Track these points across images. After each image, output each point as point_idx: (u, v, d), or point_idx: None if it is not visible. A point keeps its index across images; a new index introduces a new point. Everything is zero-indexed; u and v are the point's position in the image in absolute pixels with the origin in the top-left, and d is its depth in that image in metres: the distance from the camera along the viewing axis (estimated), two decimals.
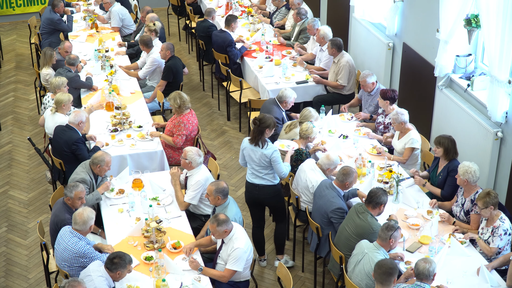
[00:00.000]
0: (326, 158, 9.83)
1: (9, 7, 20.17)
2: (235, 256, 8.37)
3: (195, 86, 16.13)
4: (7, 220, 11.73)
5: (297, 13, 14.71)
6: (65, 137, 10.75)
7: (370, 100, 11.94)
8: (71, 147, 10.68)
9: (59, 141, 10.81)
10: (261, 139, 9.73)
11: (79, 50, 14.69)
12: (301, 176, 9.87)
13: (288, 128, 10.92)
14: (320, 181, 9.60)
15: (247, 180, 10.09)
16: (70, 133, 10.78)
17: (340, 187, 9.32)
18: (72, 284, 7.47)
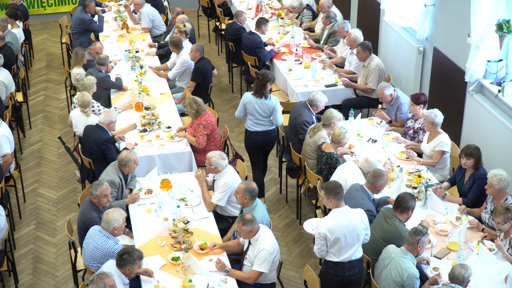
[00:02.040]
0: (365, 161, 9.81)
1: (40, 7, 20.33)
2: (261, 258, 8.38)
3: (224, 87, 16.16)
4: (36, 217, 11.82)
5: (326, 17, 14.68)
6: (95, 136, 10.82)
7: (391, 110, 11.87)
8: (101, 146, 10.75)
9: (89, 140, 10.89)
10: (264, 92, 11.24)
11: (109, 50, 14.77)
12: (340, 175, 9.85)
13: (312, 132, 10.88)
14: (361, 180, 9.62)
15: (247, 130, 11.57)
16: (100, 132, 10.85)
17: (370, 189, 9.29)
18: (101, 277, 7.51)
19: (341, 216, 8.48)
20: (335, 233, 8.37)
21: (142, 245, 9.03)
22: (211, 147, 11.21)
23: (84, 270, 9.36)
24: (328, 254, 8.57)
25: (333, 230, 8.37)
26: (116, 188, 9.78)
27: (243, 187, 8.95)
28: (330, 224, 8.42)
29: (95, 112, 11.87)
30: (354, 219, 8.47)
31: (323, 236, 8.42)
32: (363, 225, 8.48)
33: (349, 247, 8.49)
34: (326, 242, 8.46)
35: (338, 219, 8.45)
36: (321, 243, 8.49)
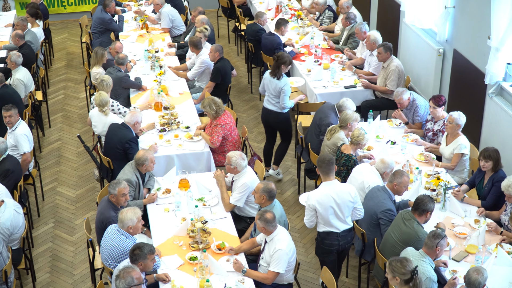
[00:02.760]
0: (381, 162, 9.79)
1: (61, 6, 20.41)
2: (277, 258, 8.38)
3: (243, 88, 16.17)
4: (54, 216, 11.87)
5: (346, 18, 14.64)
6: (120, 134, 10.86)
7: (408, 114, 11.83)
8: (124, 145, 10.78)
9: (113, 138, 10.92)
10: (278, 72, 11.87)
11: (129, 50, 14.82)
12: (357, 177, 9.84)
13: (330, 134, 10.85)
14: (377, 183, 9.60)
15: (263, 106, 12.32)
16: (125, 131, 10.89)
17: (391, 189, 9.28)
18: (127, 271, 7.54)
19: (329, 189, 9.04)
20: (324, 205, 8.95)
21: (160, 244, 9.06)
22: (229, 147, 11.22)
23: (102, 269, 9.38)
24: (322, 226, 9.14)
25: (322, 202, 8.96)
26: (134, 187, 9.81)
27: (261, 187, 8.95)
28: (319, 196, 9.02)
29: (115, 111, 11.91)
30: (342, 192, 9.03)
31: (313, 208, 9.01)
32: (350, 198, 9.03)
33: (340, 218, 9.07)
34: (316, 214, 9.05)
35: (326, 192, 9.01)
36: (311, 214, 9.08)
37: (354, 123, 10.72)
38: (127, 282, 7.49)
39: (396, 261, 7.65)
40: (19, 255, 9.66)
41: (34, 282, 10.22)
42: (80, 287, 10.32)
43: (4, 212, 9.30)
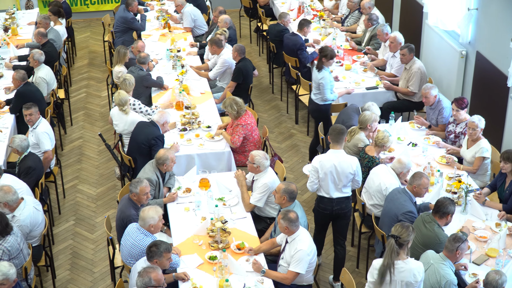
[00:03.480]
0: (397, 162, 9.77)
1: (83, 5, 20.49)
2: (298, 258, 8.37)
3: (265, 88, 16.16)
4: (75, 213, 11.92)
5: (368, 19, 14.60)
6: (148, 131, 10.89)
7: (431, 114, 11.77)
8: (151, 141, 10.81)
9: (140, 134, 10.95)
10: (319, 64, 12.22)
11: (151, 49, 14.86)
12: (374, 179, 9.83)
13: (350, 136, 10.81)
14: (394, 183, 9.58)
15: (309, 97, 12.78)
16: (153, 129, 10.93)
17: (411, 191, 9.25)
18: (147, 270, 7.59)
19: (334, 156, 9.53)
20: (324, 169, 9.47)
21: (180, 243, 9.09)
22: (250, 147, 11.23)
23: (121, 267, 9.41)
24: (320, 190, 9.64)
25: (323, 165, 9.49)
26: (154, 186, 9.84)
27: (282, 187, 8.95)
28: (322, 159, 9.55)
29: (136, 110, 11.94)
30: (344, 162, 9.50)
31: (315, 170, 9.53)
32: (351, 170, 9.51)
33: (337, 185, 9.55)
34: (318, 175, 9.52)
35: (330, 158, 9.52)
36: (314, 176, 9.58)
37: (374, 123, 10.69)
38: (144, 282, 7.53)
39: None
40: (40, 252, 9.71)
41: (54, 279, 10.27)
42: (99, 285, 10.36)
43: (23, 209, 9.34)
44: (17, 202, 9.33)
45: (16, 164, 10.66)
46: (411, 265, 7.84)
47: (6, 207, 9.25)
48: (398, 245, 7.75)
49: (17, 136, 10.56)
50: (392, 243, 7.73)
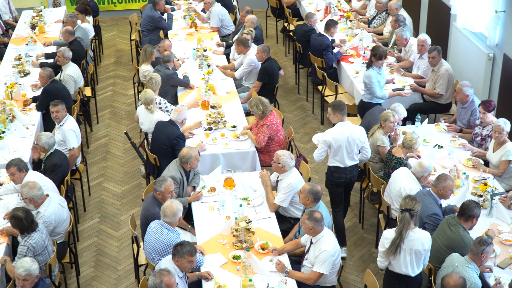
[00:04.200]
0: (418, 166, 9.70)
1: (111, 3, 20.61)
2: (322, 259, 8.36)
3: (290, 88, 16.15)
4: (100, 211, 11.98)
5: (395, 20, 14.52)
6: (168, 131, 10.93)
7: (463, 113, 11.71)
8: (172, 141, 10.85)
9: (161, 134, 11.00)
10: (368, 63, 12.30)
11: (178, 48, 14.91)
12: (395, 184, 9.78)
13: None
14: (415, 189, 9.50)
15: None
16: (173, 128, 10.96)
17: (436, 193, 9.20)
18: (161, 273, 7.61)
19: (344, 128, 10.15)
20: (338, 141, 10.11)
21: (204, 242, 9.10)
22: (275, 147, 11.23)
23: (145, 265, 9.45)
24: (333, 162, 10.31)
25: (337, 139, 10.11)
26: (178, 184, 9.87)
27: (307, 188, 8.93)
28: (335, 133, 10.15)
29: (162, 109, 11.98)
30: (354, 132, 10.19)
31: (328, 143, 10.16)
32: (361, 137, 10.25)
33: (350, 154, 10.23)
34: (328, 149, 10.25)
35: (341, 130, 10.15)
36: (324, 148, 10.25)
37: (387, 122, 10.62)
38: (155, 283, 7.57)
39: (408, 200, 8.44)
40: (64, 249, 9.76)
41: (78, 276, 10.31)
42: (123, 283, 10.40)
43: (48, 205, 9.40)
44: (42, 199, 9.38)
45: (42, 161, 10.73)
46: (419, 234, 8.31)
47: (31, 203, 9.31)
48: (410, 217, 8.24)
49: (43, 134, 10.62)
50: (407, 216, 8.23)
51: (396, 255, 8.31)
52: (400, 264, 8.37)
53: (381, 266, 8.67)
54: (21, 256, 8.58)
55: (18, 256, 8.66)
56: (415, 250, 8.24)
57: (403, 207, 8.33)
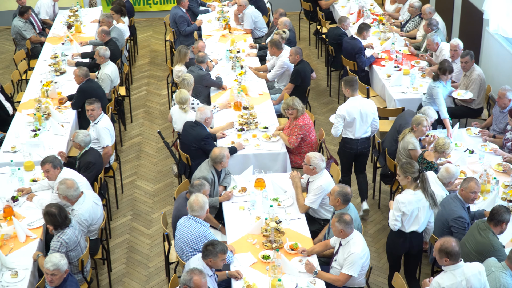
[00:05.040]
0: (445, 171, 9.71)
1: (146, 4, 20.77)
2: (351, 261, 8.41)
3: (322, 91, 16.20)
4: (132, 208, 12.13)
5: (428, 24, 14.50)
6: (194, 133, 11.06)
7: (501, 117, 11.67)
8: (200, 143, 10.99)
9: (188, 136, 11.13)
10: (434, 76, 12.26)
11: (211, 49, 15.02)
12: None
13: (401, 137, 10.88)
14: (440, 194, 9.51)
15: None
16: (199, 129, 11.08)
17: (463, 197, 9.21)
18: (193, 271, 7.70)
19: (356, 102, 11.14)
20: (352, 114, 11.05)
21: (234, 241, 9.20)
22: (306, 148, 11.31)
23: (176, 262, 9.56)
24: (346, 133, 11.24)
25: (350, 112, 11.05)
26: (209, 184, 9.95)
27: (337, 189, 8.99)
28: (348, 107, 11.10)
29: (194, 109, 12.09)
30: (366, 105, 11.19)
31: (342, 117, 11.08)
32: (372, 110, 11.27)
33: (362, 126, 11.17)
34: (343, 123, 11.11)
35: (353, 104, 11.11)
36: (340, 122, 11.13)
37: (420, 127, 10.62)
38: (185, 280, 7.68)
39: (406, 164, 9.17)
40: (97, 245, 9.89)
41: (110, 272, 10.44)
42: (154, 280, 10.53)
43: (83, 203, 9.53)
44: (77, 197, 9.54)
45: (77, 159, 10.88)
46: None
47: (66, 200, 9.47)
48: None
49: (80, 131, 10.78)
50: (425, 173, 9.18)
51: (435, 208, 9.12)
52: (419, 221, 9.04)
53: (394, 229, 9.11)
54: (53, 251, 8.69)
55: (50, 252, 8.77)
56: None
57: (416, 174, 9.05)
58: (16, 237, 9.36)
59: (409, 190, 9.10)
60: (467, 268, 7.84)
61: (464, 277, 7.79)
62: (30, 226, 9.60)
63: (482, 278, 7.82)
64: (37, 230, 9.56)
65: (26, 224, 9.61)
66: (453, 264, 7.82)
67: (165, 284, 10.36)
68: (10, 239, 9.33)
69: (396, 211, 8.98)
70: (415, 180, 9.09)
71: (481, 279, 7.81)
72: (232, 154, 10.88)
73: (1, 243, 9.21)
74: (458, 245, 7.81)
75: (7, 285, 8.56)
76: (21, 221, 9.65)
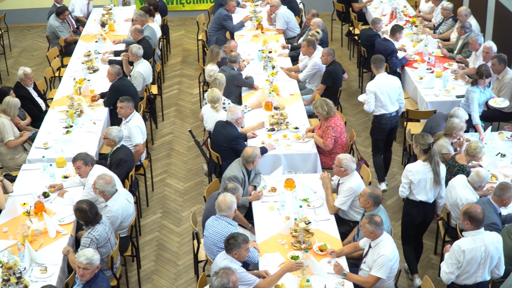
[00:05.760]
0: (476, 175, 9.64)
1: (179, 3, 20.85)
2: (380, 263, 8.38)
3: (353, 92, 16.17)
4: (162, 206, 12.19)
5: (461, 26, 14.41)
6: (225, 133, 11.10)
7: None
8: (231, 143, 11.03)
9: (219, 136, 11.17)
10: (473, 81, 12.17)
11: (243, 49, 15.05)
12: (452, 192, 9.75)
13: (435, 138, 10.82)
14: (471, 199, 9.43)
15: None
16: (230, 129, 11.11)
17: (497, 202, 9.13)
18: (227, 272, 7.68)
19: (382, 78, 11.97)
20: (381, 89, 11.81)
21: (263, 241, 9.22)
22: (337, 150, 11.29)
23: (205, 261, 9.60)
24: (379, 110, 11.93)
25: (379, 87, 11.83)
26: (240, 183, 9.98)
27: (368, 191, 8.97)
28: (376, 83, 11.90)
29: (226, 108, 12.12)
30: (392, 81, 12.01)
31: (373, 92, 11.80)
32: (399, 84, 12.11)
33: (391, 100, 11.91)
34: (374, 98, 11.80)
35: (381, 80, 11.93)
36: (372, 97, 11.84)
37: (460, 132, 10.61)
38: (222, 283, 7.62)
39: (420, 135, 9.75)
40: (127, 242, 9.96)
41: (139, 269, 10.52)
42: (182, 277, 10.57)
43: (116, 200, 9.60)
44: (112, 194, 9.61)
45: (108, 156, 10.97)
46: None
47: (101, 195, 9.55)
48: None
49: (113, 128, 10.86)
50: (434, 149, 9.61)
51: (438, 185, 9.67)
52: (427, 192, 9.68)
53: (402, 196, 9.89)
54: (84, 247, 8.74)
55: (81, 247, 8.82)
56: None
57: (426, 146, 9.61)
58: (47, 233, 9.45)
59: (419, 160, 9.73)
60: (487, 236, 8.33)
61: (484, 243, 8.27)
62: (60, 222, 9.69)
63: (499, 247, 8.37)
64: (67, 226, 9.65)
65: (56, 220, 9.71)
66: (474, 229, 8.32)
67: (193, 282, 10.40)
68: (40, 234, 9.44)
69: (404, 179, 9.72)
70: (425, 152, 9.65)
71: (498, 248, 8.35)
72: (262, 154, 10.91)
73: (32, 238, 9.30)
74: (483, 214, 8.33)
75: (36, 280, 8.63)
76: (52, 217, 9.76)
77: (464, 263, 8.29)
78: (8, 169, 11.73)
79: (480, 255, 8.26)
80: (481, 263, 8.32)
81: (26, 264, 8.79)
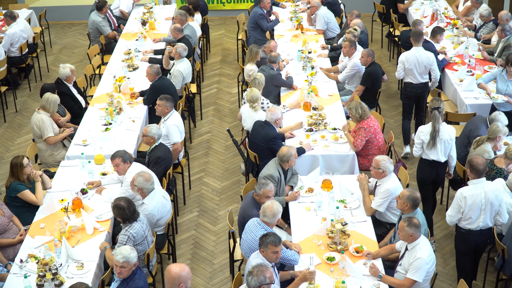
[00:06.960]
0: None
1: (220, 3, 20.91)
2: (416, 266, 8.33)
3: (393, 94, 16.09)
4: (199, 205, 12.23)
5: (501, 29, 14.27)
6: (263, 132, 11.11)
7: None
8: (269, 143, 11.04)
9: (257, 135, 11.19)
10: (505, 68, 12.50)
11: (283, 49, 15.06)
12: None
13: (476, 144, 10.71)
14: (509, 202, 9.37)
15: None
16: (268, 129, 11.12)
17: None
18: (261, 269, 7.69)
19: (416, 52, 12.96)
20: (409, 61, 12.93)
21: (299, 242, 9.21)
22: (374, 151, 11.25)
23: (241, 260, 9.62)
24: (407, 78, 13.06)
25: (408, 59, 12.95)
26: (276, 183, 10.00)
27: (407, 194, 8.92)
28: (408, 54, 13.01)
29: (264, 108, 12.13)
30: (423, 56, 12.89)
31: (402, 62, 12.96)
32: (428, 61, 12.91)
33: (419, 72, 12.91)
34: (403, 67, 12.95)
35: (413, 53, 12.95)
36: (401, 67, 13.04)
37: (503, 136, 10.52)
38: (259, 280, 7.63)
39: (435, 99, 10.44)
40: (163, 240, 10.01)
41: None
42: (218, 276, 10.60)
43: (153, 198, 9.66)
44: (150, 191, 9.67)
45: (146, 154, 11.04)
46: (446, 127, 10.50)
47: (140, 192, 9.62)
48: (438, 113, 10.29)
49: (152, 125, 10.92)
50: (436, 113, 10.28)
51: (434, 146, 10.40)
52: (437, 152, 10.44)
53: (416, 155, 10.74)
54: (121, 245, 8.81)
55: (118, 245, 8.88)
56: (444, 140, 10.40)
57: (432, 107, 10.37)
58: (84, 229, 9.54)
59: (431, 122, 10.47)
60: (487, 184, 9.26)
61: (483, 190, 9.19)
62: (98, 219, 9.77)
63: (499, 195, 9.23)
64: (105, 223, 9.73)
65: (94, 217, 9.80)
66: (476, 178, 9.22)
67: (229, 281, 10.43)
68: (77, 231, 9.53)
69: (417, 139, 10.61)
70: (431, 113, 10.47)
71: (498, 195, 9.22)
72: (300, 154, 10.90)
73: (69, 234, 9.39)
74: (484, 165, 9.18)
75: (72, 276, 8.72)
76: (90, 213, 9.85)
77: (466, 208, 9.20)
78: (47, 165, 11.86)
79: (481, 201, 9.16)
80: (482, 209, 9.21)
81: (63, 260, 8.88)
